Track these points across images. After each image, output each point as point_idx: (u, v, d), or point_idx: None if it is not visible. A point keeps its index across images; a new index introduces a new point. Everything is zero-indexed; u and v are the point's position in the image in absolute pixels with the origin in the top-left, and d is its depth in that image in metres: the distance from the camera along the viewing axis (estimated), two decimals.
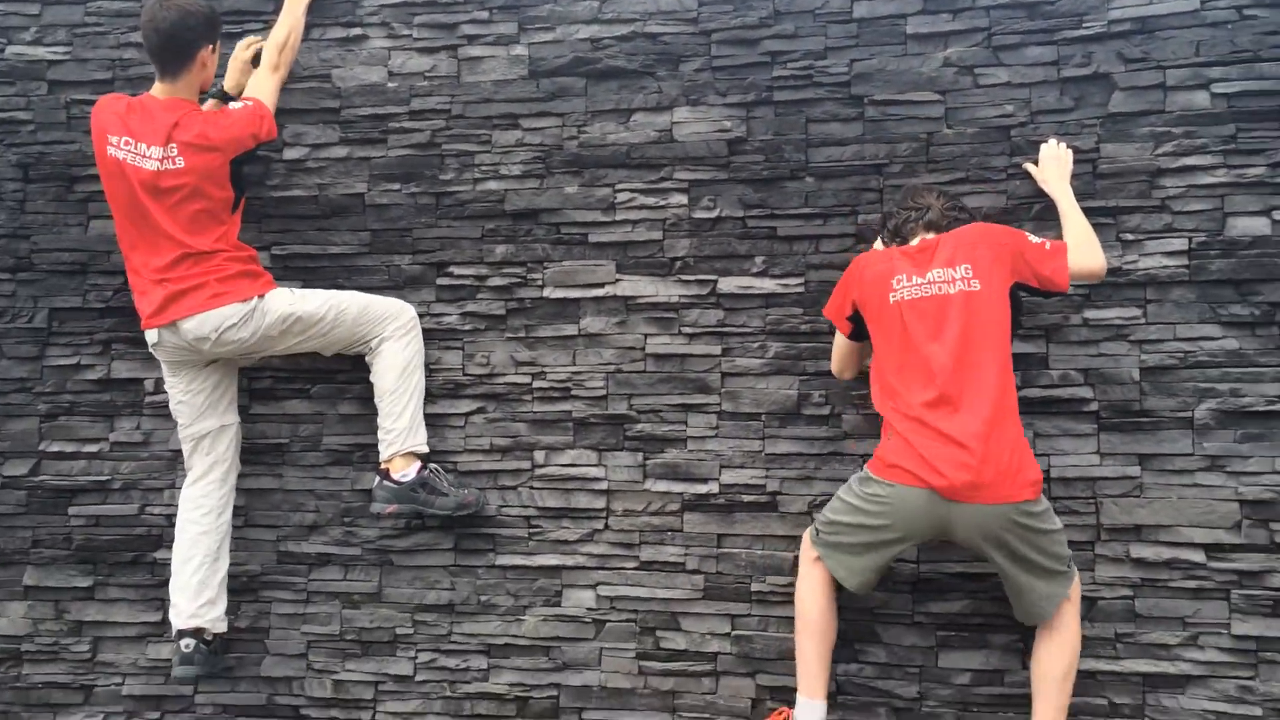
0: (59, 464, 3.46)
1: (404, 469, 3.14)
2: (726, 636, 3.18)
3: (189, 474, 3.18)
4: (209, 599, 3.10)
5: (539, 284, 3.33)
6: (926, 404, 2.63)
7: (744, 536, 3.19)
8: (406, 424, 3.15)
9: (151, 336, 3.06)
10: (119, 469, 3.43)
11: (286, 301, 3.08)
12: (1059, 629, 2.73)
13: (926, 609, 3.07)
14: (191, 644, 3.07)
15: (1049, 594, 2.69)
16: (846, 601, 2.97)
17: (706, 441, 3.23)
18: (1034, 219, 3.07)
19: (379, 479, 3.15)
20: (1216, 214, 3.00)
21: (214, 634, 3.13)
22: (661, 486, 3.23)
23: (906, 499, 2.63)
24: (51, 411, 3.47)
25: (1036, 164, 3.06)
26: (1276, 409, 2.93)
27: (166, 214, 2.97)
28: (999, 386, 2.63)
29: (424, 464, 3.17)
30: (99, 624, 3.41)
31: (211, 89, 3.21)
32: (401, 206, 3.39)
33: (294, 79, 3.39)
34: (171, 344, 3.04)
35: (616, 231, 3.31)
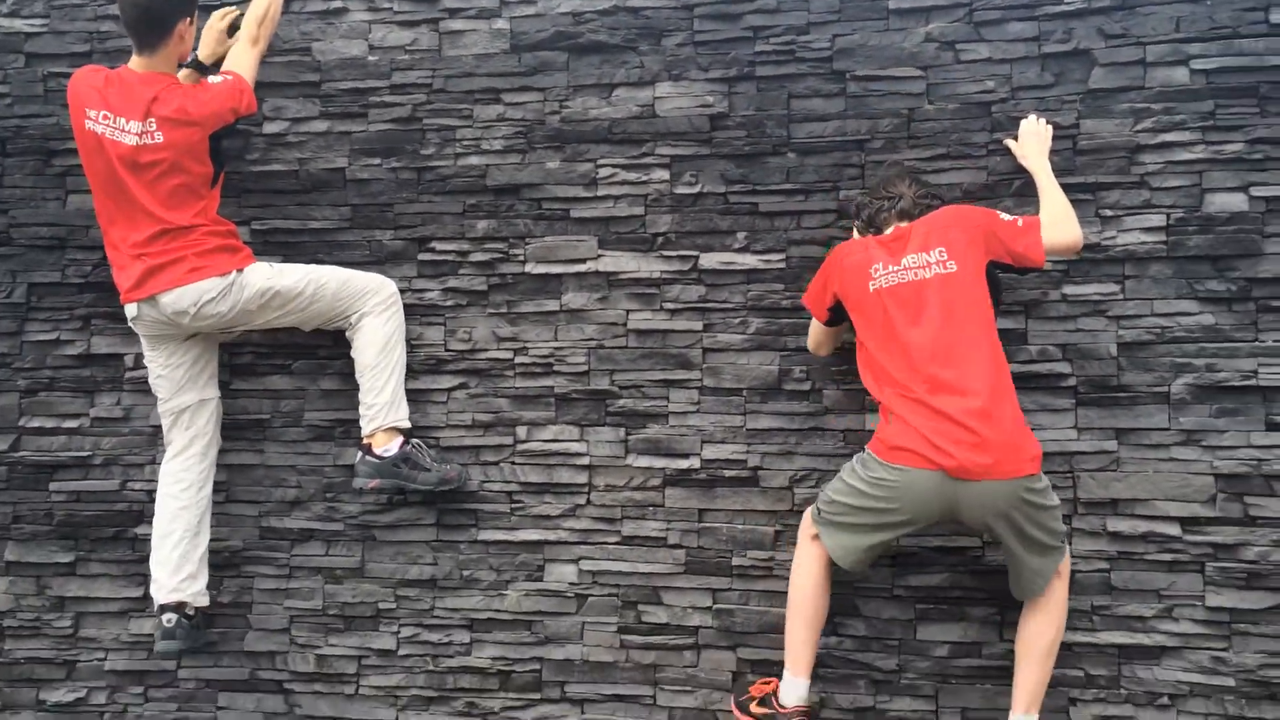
0: (39, 440, 3.45)
1: (386, 444, 3.14)
2: (708, 610, 3.20)
3: (169, 449, 3.18)
4: (190, 573, 3.10)
5: (521, 259, 3.33)
6: (925, 387, 2.62)
7: (725, 511, 3.21)
8: (388, 399, 3.14)
9: (131, 311, 3.05)
10: (100, 444, 3.43)
11: (265, 276, 3.07)
12: (1048, 602, 2.75)
13: (906, 582, 3.10)
14: (174, 619, 3.08)
15: (1044, 569, 2.70)
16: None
17: (688, 417, 3.24)
18: (1014, 195, 3.08)
19: (361, 454, 3.16)
20: (1194, 190, 3.02)
21: (196, 608, 3.14)
22: (643, 462, 3.24)
23: (916, 481, 2.62)
24: (31, 387, 3.46)
25: (1016, 140, 3.06)
26: (1251, 384, 2.95)
27: (145, 189, 2.95)
28: (993, 364, 2.65)
29: (406, 439, 3.17)
30: (81, 599, 3.41)
31: (187, 60, 3.18)
32: (382, 181, 3.37)
33: (274, 52, 3.37)
34: (151, 318, 3.03)
35: (598, 207, 3.30)
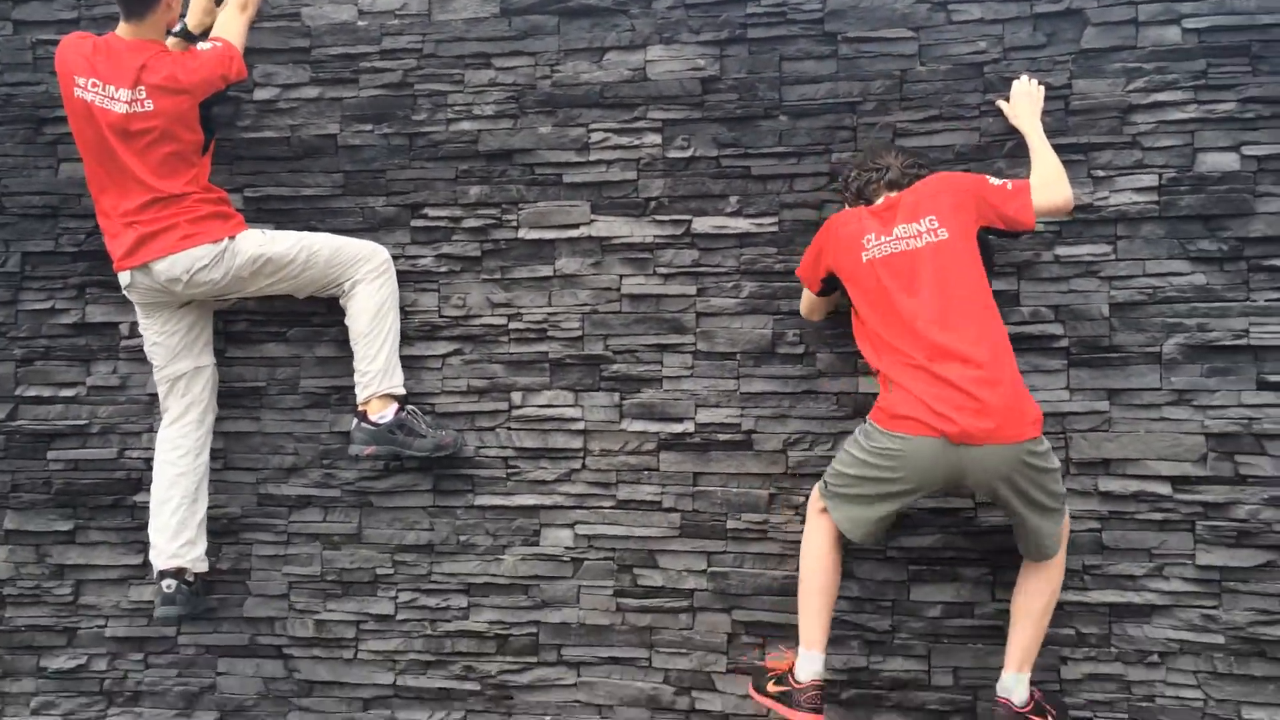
0: (36, 408, 3.46)
1: (381, 411, 3.15)
2: (702, 573, 3.22)
3: (165, 416, 3.19)
4: (188, 539, 3.13)
5: (514, 225, 3.32)
6: (925, 354, 2.62)
7: (719, 475, 3.22)
8: (382, 366, 3.15)
9: (124, 279, 3.05)
10: (96, 413, 3.44)
11: (257, 243, 3.07)
12: (1047, 563, 2.77)
13: (898, 544, 3.12)
14: (173, 584, 3.10)
15: (1051, 531, 2.71)
16: None
17: (682, 381, 3.25)
18: (1006, 156, 3.08)
19: (357, 421, 3.17)
20: (1186, 150, 3.01)
21: (195, 574, 3.16)
22: (638, 426, 3.26)
23: (920, 449, 2.61)
24: (27, 356, 3.46)
25: (1008, 100, 3.06)
26: (1243, 343, 2.96)
27: (136, 157, 2.95)
28: (991, 328, 2.65)
29: (401, 406, 3.19)
30: (80, 567, 3.44)
31: (175, 29, 3.16)
32: (374, 148, 3.36)
33: (263, 18, 3.35)
34: (144, 286, 3.04)
35: (591, 172, 3.30)
